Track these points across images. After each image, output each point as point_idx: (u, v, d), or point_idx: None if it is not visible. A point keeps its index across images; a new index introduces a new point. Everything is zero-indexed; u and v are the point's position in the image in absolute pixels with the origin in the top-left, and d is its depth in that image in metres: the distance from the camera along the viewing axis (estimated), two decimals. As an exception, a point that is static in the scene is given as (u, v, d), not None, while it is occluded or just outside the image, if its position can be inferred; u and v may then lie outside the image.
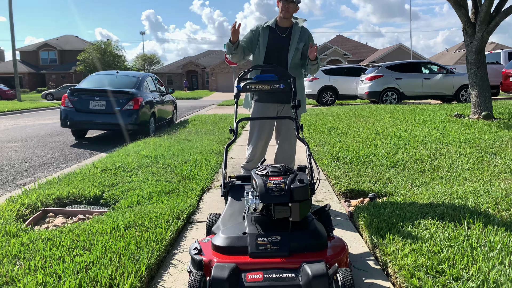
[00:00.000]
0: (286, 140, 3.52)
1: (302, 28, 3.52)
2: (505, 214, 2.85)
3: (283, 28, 3.48)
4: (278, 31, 3.48)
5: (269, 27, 3.49)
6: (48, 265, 2.29)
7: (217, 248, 2.01)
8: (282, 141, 3.55)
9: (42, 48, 54.02)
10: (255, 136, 3.54)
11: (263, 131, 3.52)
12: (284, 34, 3.48)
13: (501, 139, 5.72)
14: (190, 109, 18.83)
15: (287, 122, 3.50)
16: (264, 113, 3.48)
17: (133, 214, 3.13)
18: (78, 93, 8.51)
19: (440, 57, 46.92)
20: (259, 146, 3.54)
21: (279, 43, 3.46)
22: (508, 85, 14.17)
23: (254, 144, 3.54)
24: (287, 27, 3.49)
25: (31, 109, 20.30)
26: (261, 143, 3.54)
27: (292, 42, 3.45)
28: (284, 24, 3.48)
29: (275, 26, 3.48)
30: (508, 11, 7.88)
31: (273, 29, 3.48)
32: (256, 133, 3.53)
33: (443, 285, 1.97)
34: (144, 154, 5.62)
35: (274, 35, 3.47)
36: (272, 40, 3.46)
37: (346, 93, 17.12)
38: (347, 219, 3.22)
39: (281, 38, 3.47)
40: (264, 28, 3.49)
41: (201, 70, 56.09)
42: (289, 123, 3.48)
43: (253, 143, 3.54)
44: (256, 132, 3.53)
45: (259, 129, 3.52)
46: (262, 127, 3.53)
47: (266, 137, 3.56)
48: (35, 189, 4.07)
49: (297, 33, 3.47)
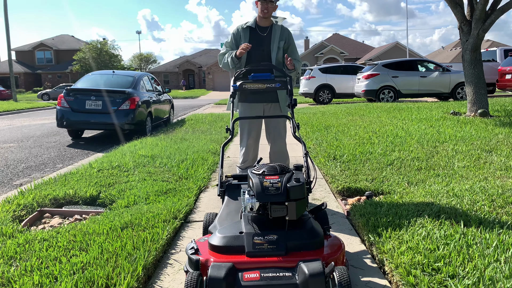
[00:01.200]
0: (277, 137, 3.54)
1: (282, 27, 3.54)
2: (501, 211, 2.86)
3: (263, 28, 3.49)
4: (259, 31, 3.49)
5: (249, 27, 3.49)
6: (44, 266, 2.29)
7: (214, 248, 2.01)
8: (274, 138, 3.56)
9: (38, 48, 53.77)
10: (245, 137, 3.56)
11: (252, 130, 3.55)
12: (265, 33, 3.49)
13: (497, 137, 5.74)
14: (187, 108, 18.80)
15: (275, 119, 3.51)
16: (251, 113, 3.50)
17: (129, 214, 3.12)
18: (74, 93, 8.48)
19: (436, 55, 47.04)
20: (250, 146, 3.57)
21: (260, 43, 3.47)
22: (504, 82, 14.21)
23: (245, 144, 3.56)
24: (267, 27, 3.50)
25: (27, 109, 20.21)
26: (252, 142, 3.57)
27: (274, 41, 3.47)
28: (263, 24, 3.49)
29: (255, 25, 3.49)
30: (503, 9, 7.91)
31: (253, 29, 3.49)
32: (246, 133, 3.55)
33: (439, 283, 1.98)
34: (140, 154, 5.61)
35: (255, 34, 3.48)
36: (253, 40, 3.46)
37: (343, 92, 17.14)
38: (344, 218, 3.22)
39: (262, 38, 3.48)
40: (244, 29, 3.49)
41: (197, 69, 56.00)
42: (278, 121, 3.50)
43: (244, 144, 3.57)
44: (246, 132, 3.55)
45: (249, 130, 3.54)
46: (251, 127, 3.54)
47: (256, 136, 3.59)
48: (31, 189, 4.05)
49: (277, 32, 3.49)
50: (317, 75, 16.96)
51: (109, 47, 45.35)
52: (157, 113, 9.85)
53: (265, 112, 3.52)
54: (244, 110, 3.54)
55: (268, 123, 3.56)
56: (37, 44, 54.12)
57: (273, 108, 3.51)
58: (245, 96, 3.51)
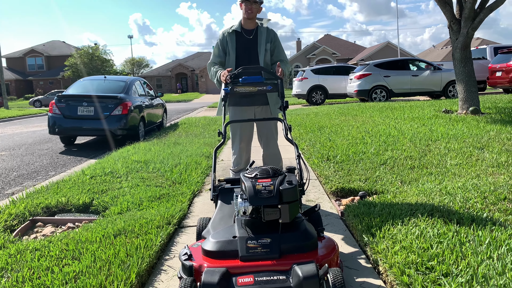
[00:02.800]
0: (270, 139, 3.54)
1: (267, 28, 3.55)
2: (493, 208, 2.88)
3: (248, 30, 3.49)
4: (245, 34, 3.49)
5: (235, 31, 3.49)
6: (36, 277, 2.26)
7: (207, 253, 2.00)
8: (267, 141, 3.56)
9: (29, 54, 53.42)
10: (237, 140, 3.56)
11: (244, 134, 3.55)
12: (251, 36, 3.49)
13: (488, 134, 5.78)
14: (180, 112, 18.76)
15: (266, 123, 3.52)
16: (242, 117, 3.50)
17: (123, 221, 3.10)
18: (66, 99, 8.43)
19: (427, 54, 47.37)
20: (242, 149, 3.57)
21: (247, 46, 3.47)
22: (494, 80, 14.33)
23: (237, 148, 3.56)
24: (253, 29, 3.50)
25: (19, 117, 20.05)
26: (244, 145, 3.57)
27: (260, 44, 3.47)
28: (249, 26, 3.49)
29: (240, 29, 3.49)
30: (492, 7, 7.98)
31: (239, 32, 3.49)
32: (238, 137, 3.54)
33: (433, 281, 1.98)
34: (133, 159, 5.58)
35: (241, 38, 3.48)
36: (240, 43, 3.47)
37: (335, 92, 17.19)
38: (338, 218, 3.22)
39: (248, 41, 3.48)
40: (230, 33, 3.49)
41: (190, 72, 55.91)
42: (269, 123, 3.50)
43: (237, 147, 3.57)
44: (237, 136, 3.55)
45: (240, 133, 3.54)
46: (243, 131, 3.54)
47: (248, 139, 3.59)
48: (23, 198, 4.01)
49: (263, 35, 3.49)
50: (309, 76, 17.00)
51: (100, 52, 45.15)
52: (150, 117, 9.81)
53: (256, 115, 3.52)
54: (234, 114, 3.53)
55: (260, 126, 3.56)
56: (28, 50, 53.76)
57: (264, 110, 3.51)
58: (235, 100, 3.51)
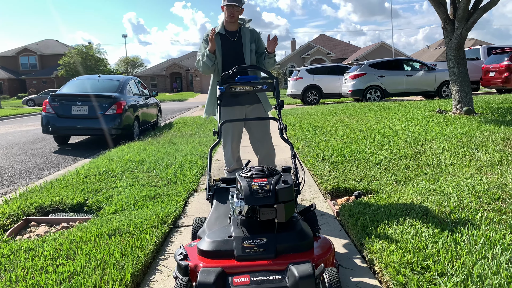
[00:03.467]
0: (266, 136, 3.55)
1: (250, 29, 3.56)
2: (487, 208, 2.89)
3: (231, 32, 3.51)
4: (228, 36, 3.50)
5: (219, 33, 3.49)
6: (30, 277, 2.24)
7: (203, 253, 1.99)
8: (261, 138, 3.56)
9: (22, 53, 52.97)
10: (229, 140, 3.56)
11: (234, 134, 3.56)
12: (235, 38, 3.51)
13: (482, 134, 5.82)
14: (174, 112, 18.70)
15: (259, 122, 3.53)
16: (232, 116, 3.50)
17: (117, 221, 3.08)
18: (60, 99, 8.37)
19: (421, 54, 47.61)
20: (234, 149, 3.59)
21: (232, 48, 3.49)
22: (487, 80, 14.44)
23: (229, 148, 3.57)
24: (236, 31, 3.52)
25: (12, 116, 19.89)
26: (234, 145, 3.59)
27: (245, 45, 3.50)
28: (231, 28, 3.51)
29: (224, 31, 3.50)
30: (485, 8, 8.03)
31: (223, 35, 3.50)
32: (230, 136, 3.55)
33: (428, 281, 1.99)
34: (128, 159, 5.55)
35: (226, 40, 3.50)
36: (225, 46, 3.48)
37: (330, 92, 17.23)
38: (333, 218, 3.23)
39: (233, 43, 3.50)
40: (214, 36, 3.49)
41: (185, 72, 55.78)
42: (262, 122, 3.52)
43: (229, 147, 3.57)
44: (230, 136, 3.54)
45: (232, 133, 3.54)
46: (233, 131, 3.55)
47: (238, 138, 3.62)
48: (16, 198, 3.98)
49: (247, 36, 3.52)
50: (304, 76, 17.02)
51: (94, 51, 44.87)
52: (144, 117, 9.77)
53: (247, 114, 3.54)
54: (226, 114, 3.52)
55: (253, 125, 3.56)
56: (21, 49, 53.30)
57: (256, 109, 3.53)
58: (225, 100, 3.50)
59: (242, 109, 3.53)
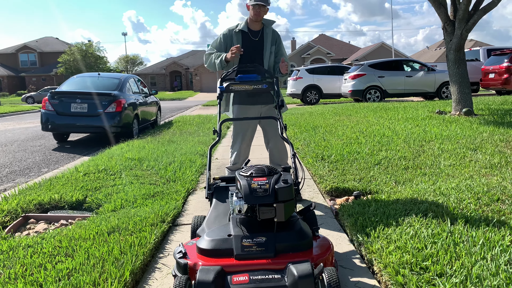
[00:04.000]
0: (278, 137, 3.55)
1: (273, 30, 3.56)
2: (487, 209, 2.90)
3: (254, 32, 3.51)
4: (251, 35, 3.49)
5: (242, 31, 3.49)
6: (28, 273, 2.24)
7: (202, 251, 1.99)
8: (275, 139, 3.58)
9: (21, 50, 52.85)
10: (239, 139, 3.55)
11: (246, 133, 3.55)
12: (257, 37, 3.50)
13: (481, 135, 5.82)
14: (174, 110, 18.69)
15: (272, 121, 3.53)
16: (246, 115, 3.49)
17: (116, 218, 3.08)
18: (59, 96, 8.36)
19: (421, 55, 47.63)
20: (243, 148, 3.57)
21: (252, 47, 3.48)
22: (487, 81, 14.46)
23: (238, 146, 3.56)
24: (258, 30, 3.51)
25: (11, 113, 19.86)
26: (245, 145, 3.57)
27: (266, 46, 3.49)
28: (255, 27, 3.50)
29: (247, 29, 3.49)
30: (486, 9, 8.04)
31: (246, 33, 3.49)
32: (241, 135, 3.55)
33: (427, 282, 1.99)
34: (127, 157, 5.55)
35: (247, 39, 3.49)
36: (245, 44, 3.47)
37: (330, 92, 17.23)
38: (332, 218, 3.23)
39: (254, 42, 3.49)
40: (236, 32, 3.49)
41: (184, 70, 55.74)
42: (275, 122, 3.51)
43: (237, 146, 3.56)
44: (240, 134, 3.55)
45: (243, 132, 3.54)
46: (246, 130, 3.54)
47: (249, 139, 3.61)
48: (15, 195, 3.97)
49: (269, 37, 3.51)
50: (304, 75, 17.02)
51: (94, 49, 44.81)
52: (144, 115, 9.76)
53: (262, 114, 3.56)
54: (240, 112, 3.53)
55: (266, 125, 3.60)
56: (20, 46, 53.19)
57: (271, 109, 3.53)
58: (241, 99, 3.51)
59: (256, 108, 3.53)
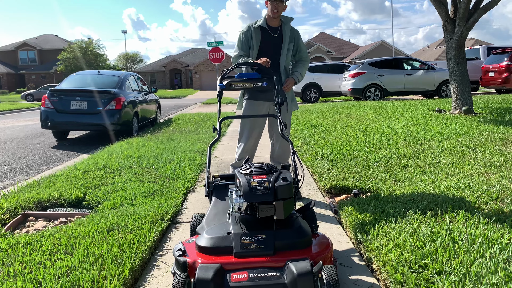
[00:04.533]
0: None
1: (291, 28, 3.57)
2: (486, 207, 2.90)
3: (273, 28, 3.52)
4: (270, 31, 3.50)
5: (261, 27, 3.50)
6: (28, 271, 2.24)
7: (201, 249, 1.99)
8: (278, 137, 3.59)
9: (21, 47, 52.76)
10: (245, 134, 3.56)
11: (254, 129, 3.56)
12: (276, 34, 3.51)
13: (481, 133, 5.83)
14: (174, 108, 18.68)
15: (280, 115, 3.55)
16: (256, 111, 3.52)
17: (116, 216, 3.08)
18: (59, 94, 8.35)
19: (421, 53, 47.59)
20: (249, 144, 3.57)
21: (271, 44, 3.50)
22: (487, 80, 14.45)
23: (245, 142, 3.56)
24: (277, 27, 3.52)
25: (10, 111, 19.83)
26: (252, 141, 3.58)
27: (284, 43, 3.50)
28: (274, 24, 3.51)
29: (266, 25, 3.50)
30: (486, 8, 8.03)
31: (265, 29, 3.51)
32: (247, 131, 3.55)
33: (426, 280, 1.99)
34: (127, 155, 5.55)
35: (266, 35, 3.50)
36: (264, 40, 3.49)
37: (329, 90, 17.22)
38: (331, 216, 3.23)
39: (273, 38, 3.51)
40: (255, 29, 3.50)
41: (184, 68, 55.68)
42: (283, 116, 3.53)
43: (244, 141, 3.56)
44: (247, 130, 3.55)
45: (251, 127, 3.54)
46: (253, 125, 3.55)
47: (257, 135, 3.61)
48: (14, 192, 3.97)
49: (287, 34, 3.52)
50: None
51: (94, 46, 44.75)
52: (143, 113, 9.76)
53: (269, 111, 3.56)
54: (248, 107, 3.55)
55: (273, 122, 3.61)
56: (20, 44, 53.09)
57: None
58: (253, 94, 3.53)
59: (266, 105, 3.56)
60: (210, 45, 19.59)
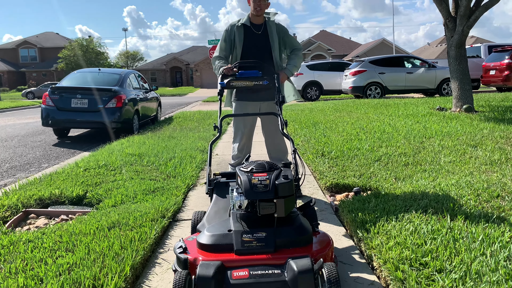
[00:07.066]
0: (277, 134, 3.54)
1: (276, 24, 3.53)
2: (486, 205, 2.90)
3: (257, 25, 3.48)
4: (253, 29, 3.47)
5: (244, 25, 3.47)
6: (29, 268, 2.25)
7: (202, 246, 2.00)
8: (273, 136, 3.57)
9: (22, 45, 52.77)
10: (239, 134, 3.55)
11: (246, 128, 3.54)
12: (259, 31, 3.47)
13: (482, 132, 5.82)
14: (174, 106, 18.68)
15: (271, 117, 3.51)
16: (246, 111, 3.48)
17: (117, 214, 3.09)
18: (60, 91, 8.35)
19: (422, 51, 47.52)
20: (244, 144, 3.56)
21: (255, 41, 3.46)
22: (488, 78, 14.43)
23: (239, 142, 3.55)
24: (261, 24, 3.49)
25: (11, 108, 19.85)
26: (245, 140, 3.57)
27: (273, 39, 3.46)
28: (257, 21, 3.48)
29: (249, 23, 3.47)
30: (487, 5, 8.01)
31: (248, 26, 3.47)
32: (241, 130, 3.54)
33: (426, 277, 2.00)
34: (128, 152, 5.55)
35: (250, 33, 3.47)
36: (248, 38, 3.45)
37: (330, 88, 17.21)
38: (332, 214, 3.23)
39: (257, 36, 3.47)
40: (238, 27, 3.47)
41: (185, 66, 55.64)
42: (274, 118, 3.50)
43: (238, 141, 3.55)
44: (240, 130, 3.54)
45: (243, 127, 3.53)
46: (245, 125, 3.53)
47: (249, 134, 3.60)
48: (16, 190, 3.98)
49: (273, 30, 3.48)
50: (304, 72, 16.98)
51: (95, 44, 44.74)
52: (144, 111, 9.76)
53: (261, 110, 3.53)
54: (239, 108, 3.52)
55: (265, 121, 3.57)
56: (20, 41, 53.12)
57: (270, 105, 3.50)
58: (242, 95, 3.49)
59: (256, 104, 3.52)
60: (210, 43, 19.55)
